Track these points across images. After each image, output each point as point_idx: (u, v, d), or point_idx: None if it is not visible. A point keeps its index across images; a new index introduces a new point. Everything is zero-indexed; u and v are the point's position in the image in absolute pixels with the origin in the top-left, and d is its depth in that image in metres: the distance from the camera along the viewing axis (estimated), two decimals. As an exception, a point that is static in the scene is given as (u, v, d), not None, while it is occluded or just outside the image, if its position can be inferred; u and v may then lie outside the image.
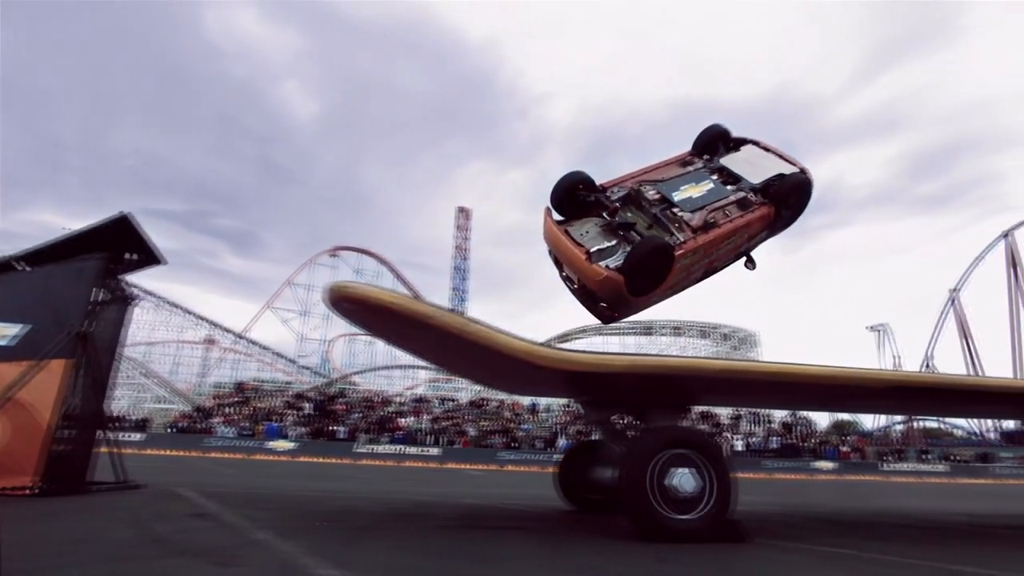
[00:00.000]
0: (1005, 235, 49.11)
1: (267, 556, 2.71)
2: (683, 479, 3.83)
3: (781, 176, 5.10)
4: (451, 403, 30.35)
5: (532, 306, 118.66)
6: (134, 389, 37.90)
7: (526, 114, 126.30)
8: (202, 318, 49.90)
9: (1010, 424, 42.54)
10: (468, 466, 20.98)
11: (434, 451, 24.04)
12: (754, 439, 27.84)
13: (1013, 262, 48.71)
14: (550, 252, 4.95)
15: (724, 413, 30.36)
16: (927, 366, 51.61)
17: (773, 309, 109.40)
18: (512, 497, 8.18)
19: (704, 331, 49.44)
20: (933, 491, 14.31)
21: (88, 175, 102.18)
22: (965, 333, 51.24)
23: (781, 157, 5.44)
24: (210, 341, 50.54)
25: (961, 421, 49.92)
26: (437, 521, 4.59)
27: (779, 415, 30.44)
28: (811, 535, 4.32)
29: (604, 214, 4.74)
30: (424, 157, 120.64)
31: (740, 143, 5.68)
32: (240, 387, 30.89)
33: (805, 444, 27.61)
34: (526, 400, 29.27)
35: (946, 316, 51.18)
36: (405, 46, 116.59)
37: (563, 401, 29.44)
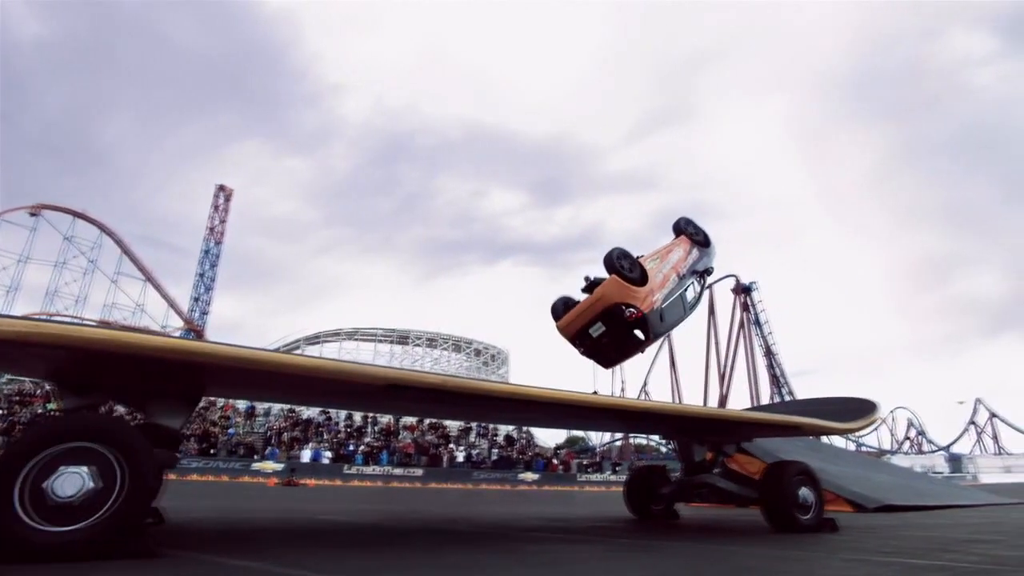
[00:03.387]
0: (708, 287, 60.23)
1: None
2: (65, 481, 2.88)
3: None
4: (145, 402, 25.66)
5: (295, 305, 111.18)
6: None
7: (317, 102, 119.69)
8: None
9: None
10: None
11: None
12: (476, 451, 28.80)
13: (711, 309, 59.90)
14: (576, 343, 6.24)
15: (454, 425, 30.97)
16: (644, 392, 60.30)
17: (530, 331, 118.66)
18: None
19: (458, 345, 50.78)
20: (589, 498, 15.73)
21: None
22: (673, 364, 61.23)
23: None
24: None
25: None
26: None
27: (504, 429, 32.12)
28: (257, 547, 3.67)
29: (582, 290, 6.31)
30: (188, 124, 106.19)
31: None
32: None
33: (521, 457, 29.39)
34: (242, 403, 26.23)
35: (660, 349, 60.54)
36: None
37: (288, 406, 27.07)
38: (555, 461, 30.15)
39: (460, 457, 27.19)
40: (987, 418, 70.98)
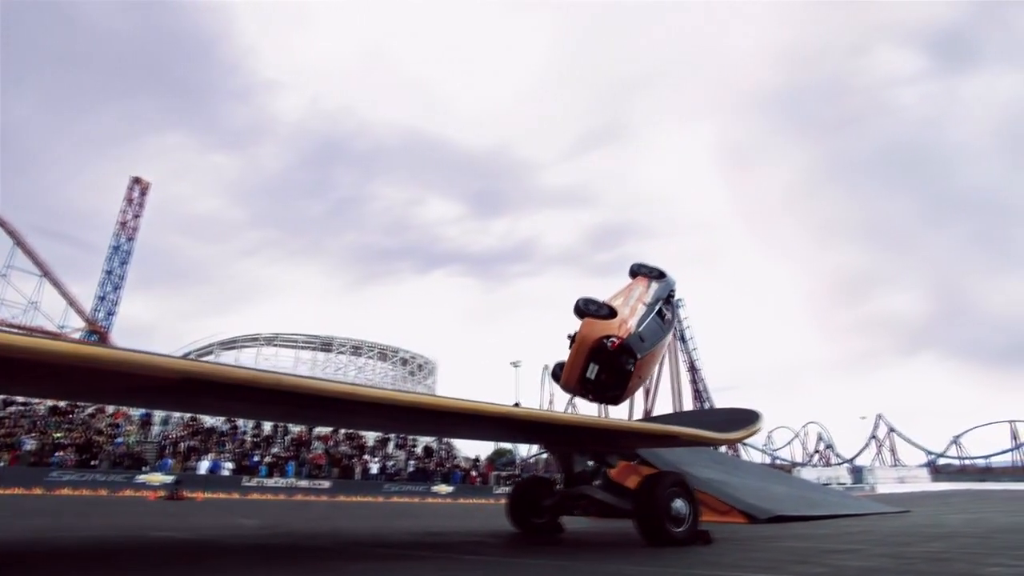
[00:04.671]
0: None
1: None
2: None
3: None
4: (21, 407, 23.13)
5: (216, 309, 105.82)
6: None
7: (248, 97, 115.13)
8: None
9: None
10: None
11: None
12: (392, 463, 27.80)
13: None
14: (581, 392, 7.01)
15: (371, 436, 29.84)
16: (571, 405, 60.61)
17: (463, 341, 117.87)
18: None
19: (384, 353, 49.40)
20: (495, 511, 15.20)
21: None
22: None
23: None
24: None
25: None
26: None
27: (423, 440, 31.28)
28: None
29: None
30: (101, 110, 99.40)
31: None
32: None
33: (439, 469, 28.63)
34: (138, 410, 24.17)
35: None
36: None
37: (188, 415, 25.23)
38: (473, 473, 29.56)
39: (375, 469, 26.14)
40: (886, 433, 76.07)
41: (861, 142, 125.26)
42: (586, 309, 6.73)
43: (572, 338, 6.93)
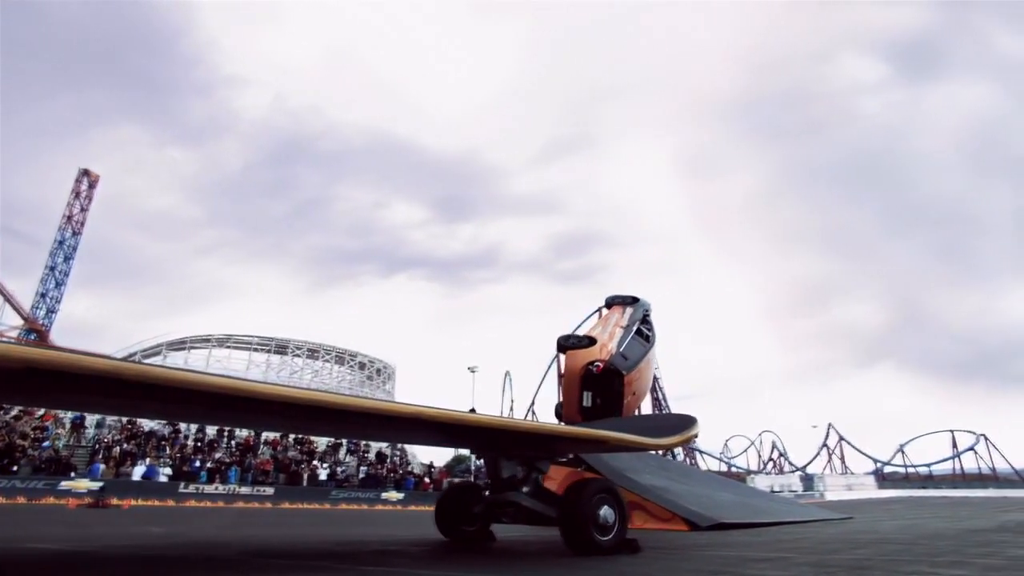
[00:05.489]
0: (598, 310, 61.84)
1: None
2: None
3: None
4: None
5: (171, 309, 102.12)
6: None
7: (209, 92, 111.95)
8: None
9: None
10: None
11: None
12: (343, 468, 27.00)
13: (599, 331, 61.57)
14: (584, 420, 7.45)
15: (322, 441, 28.99)
16: (531, 412, 60.29)
17: (425, 346, 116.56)
18: None
19: (341, 357, 48.31)
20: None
21: None
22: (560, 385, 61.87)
23: None
24: None
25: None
26: None
27: (376, 446, 30.52)
28: None
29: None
30: (49, 98, 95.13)
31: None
32: None
33: (392, 475, 27.93)
34: (69, 413, 22.84)
35: (550, 369, 60.99)
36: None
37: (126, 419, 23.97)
38: (427, 480, 28.98)
39: (323, 475, 25.31)
40: (837, 441, 78.18)
41: (822, 150, 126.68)
42: (567, 343, 7.41)
43: (563, 375, 7.47)
